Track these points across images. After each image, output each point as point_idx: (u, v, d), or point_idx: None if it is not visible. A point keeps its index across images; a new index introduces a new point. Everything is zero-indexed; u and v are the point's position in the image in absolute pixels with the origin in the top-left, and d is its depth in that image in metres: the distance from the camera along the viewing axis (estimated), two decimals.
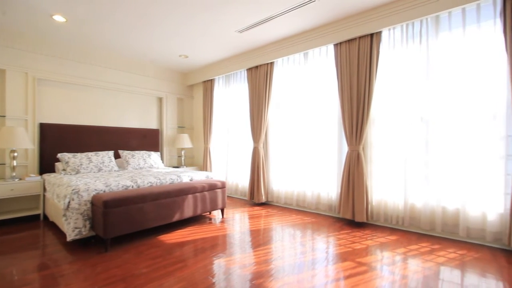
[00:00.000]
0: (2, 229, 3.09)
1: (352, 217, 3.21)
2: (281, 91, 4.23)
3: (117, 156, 4.50)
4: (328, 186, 3.67)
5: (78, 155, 3.71)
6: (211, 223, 3.32)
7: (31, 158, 3.69)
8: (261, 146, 4.30)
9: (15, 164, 3.36)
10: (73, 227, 2.45)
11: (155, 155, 4.64)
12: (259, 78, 4.29)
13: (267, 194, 4.32)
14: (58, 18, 3.19)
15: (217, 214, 3.71)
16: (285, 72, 4.16)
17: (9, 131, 3.24)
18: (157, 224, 2.79)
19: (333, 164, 3.61)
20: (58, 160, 3.86)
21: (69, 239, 2.44)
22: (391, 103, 3.13)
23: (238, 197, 4.91)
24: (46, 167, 3.78)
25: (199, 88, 5.77)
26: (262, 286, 1.83)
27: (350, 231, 2.98)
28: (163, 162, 5.26)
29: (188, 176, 3.47)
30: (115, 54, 4.48)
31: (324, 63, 3.71)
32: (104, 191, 2.64)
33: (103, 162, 3.83)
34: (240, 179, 4.89)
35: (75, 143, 4.04)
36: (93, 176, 3.27)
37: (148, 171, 3.85)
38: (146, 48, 4.24)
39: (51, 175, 3.50)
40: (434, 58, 2.83)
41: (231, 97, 5.01)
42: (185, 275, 1.99)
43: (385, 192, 3.15)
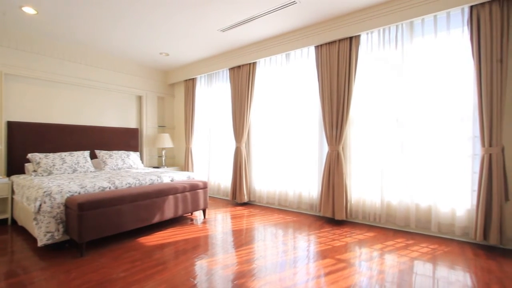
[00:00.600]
0: None
1: (332, 215, 3.29)
2: (263, 91, 4.25)
3: (93, 156, 4.32)
4: (309, 186, 3.74)
5: (51, 155, 3.52)
6: (192, 224, 3.28)
7: None
8: (243, 146, 4.30)
9: None
10: (45, 231, 2.32)
11: (134, 155, 4.50)
12: (242, 78, 4.29)
13: (249, 194, 4.33)
14: (28, 10, 3.01)
15: (199, 215, 3.67)
16: (267, 73, 4.19)
17: None
18: (136, 226, 2.71)
19: (314, 164, 3.69)
20: (28, 161, 3.63)
21: (40, 244, 2.31)
22: (369, 105, 3.24)
23: (220, 197, 4.88)
24: (15, 168, 3.55)
25: (180, 87, 5.67)
26: (244, 286, 1.83)
27: (330, 229, 3.05)
28: (142, 163, 5.12)
29: (169, 176, 3.40)
30: (91, 49, 4.30)
31: (305, 64, 3.77)
32: (79, 193, 2.53)
33: (78, 163, 3.67)
34: (222, 179, 4.86)
35: (47, 143, 3.83)
36: (67, 177, 3.11)
37: (126, 171, 3.73)
38: (124, 45, 4.10)
39: (20, 176, 3.30)
40: (408, 62, 2.96)
41: (213, 96, 4.97)
42: (165, 277, 1.95)
43: (363, 190, 3.26)
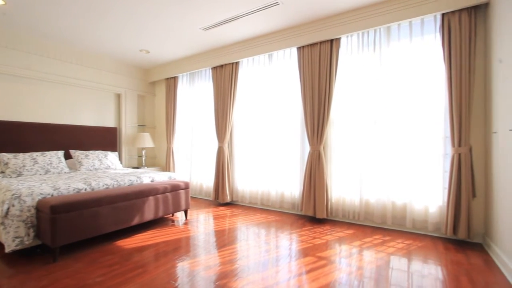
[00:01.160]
0: None
1: (313, 214, 3.36)
2: (246, 91, 4.25)
3: (68, 156, 4.12)
4: (291, 185, 3.79)
5: (21, 155, 3.32)
6: (174, 225, 3.22)
7: None
8: (226, 146, 4.28)
9: None
10: (14, 236, 2.18)
11: (112, 155, 4.34)
12: (224, 77, 4.26)
13: (232, 194, 4.31)
14: None
15: (180, 216, 3.61)
16: (250, 73, 4.19)
17: None
18: (114, 229, 2.62)
19: (296, 164, 3.74)
20: None
21: (8, 250, 2.17)
22: (349, 106, 3.33)
23: (203, 197, 4.82)
24: None
25: (161, 85, 5.54)
26: (226, 287, 1.82)
27: (311, 228, 3.11)
28: (121, 163, 4.95)
29: (149, 177, 3.32)
30: (65, 44, 4.10)
31: (288, 65, 3.82)
32: (52, 195, 2.40)
33: (51, 163, 3.48)
34: (204, 180, 4.81)
35: (16, 142, 3.60)
36: (38, 179, 2.95)
37: (104, 172, 3.59)
38: (102, 41, 3.95)
39: None
40: (386, 65, 3.08)
41: (196, 95, 4.90)
42: (145, 281, 1.90)
43: (343, 189, 3.35)
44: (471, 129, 2.65)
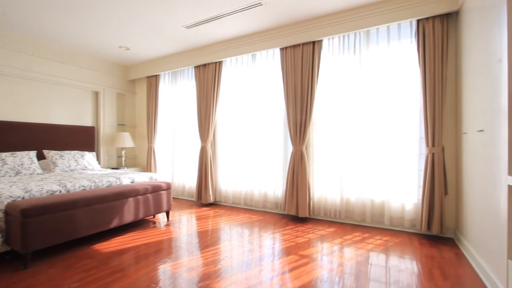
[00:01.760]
0: None
1: (296, 213, 3.41)
2: (229, 91, 4.23)
3: (41, 157, 3.91)
4: (274, 185, 3.82)
5: None
6: (155, 227, 3.14)
7: None
8: (209, 145, 4.24)
9: None
10: None
11: (89, 156, 4.17)
12: (207, 77, 4.22)
13: (215, 194, 4.28)
14: None
15: (162, 217, 3.53)
16: (233, 72, 4.18)
17: None
18: (91, 232, 2.52)
19: (279, 163, 3.77)
20: None
21: None
22: (330, 107, 3.41)
23: (185, 198, 4.75)
24: None
25: (142, 84, 5.40)
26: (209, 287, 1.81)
27: (294, 226, 3.15)
28: (99, 163, 4.77)
29: (129, 177, 3.22)
30: (38, 38, 3.88)
31: (271, 65, 3.84)
32: (22, 198, 2.27)
33: (22, 164, 3.29)
34: (187, 180, 4.74)
35: None
36: (8, 181, 2.78)
37: (80, 173, 3.45)
38: (78, 35, 3.78)
39: None
40: (365, 68, 3.18)
41: (178, 94, 4.82)
42: (125, 285, 1.85)
43: (325, 188, 3.42)
44: (443, 130, 2.80)
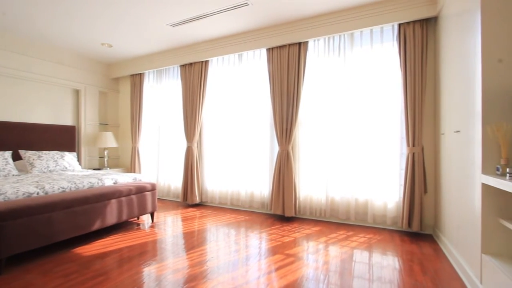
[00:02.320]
0: None
1: (282, 212, 3.43)
2: (216, 90, 4.20)
3: (17, 157, 3.73)
4: (261, 185, 3.83)
5: None
6: (139, 229, 3.07)
7: None
8: (195, 145, 4.19)
9: None
10: None
11: (69, 156, 4.02)
12: (193, 76, 4.18)
13: (201, 194, 4.24)
14: None
15: (146, 219, 3.46)
16: (220, 72, 4.16)
17: None
18: (72, 235, 2.43)
19: (266, 163, 3.79)
20: None
21: None
22: (316, 107, 3.46)
23: (171, 199, 4.67)
24: None
25: (126, 82, 5.26)
26: None
27: (280, 226, 3.17)
28: (80, 164, 4.60)
29: (112, 178, 3.13)
30: (15, 33, 3.70)
31: (257, 66, 3.85)
32: None
33: None
34: (172, 180, 4.66)
35: None
36: None
37: (60, 174, 3.31)
38: (58, 31, 3.64)
39: None
40: (349, 69, 3.25)
41: (163, 93, 4.73)
42: None
43: (310, 188, 3.47)
44: (423, 131, 2.91)
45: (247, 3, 2.90)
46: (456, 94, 2.15)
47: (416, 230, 2.81)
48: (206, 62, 4.11)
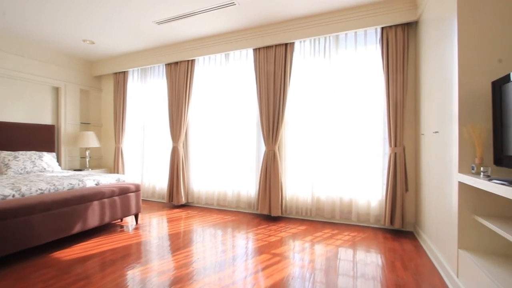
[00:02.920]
0: None
1: (269, 212, 3.45)
2: (202, 90, 4.17)
3: None
4: (247, 185, 3.83)
5: None
6: (123, 231, 3.00)
7: None
8: (181, 145, 4.14)
9: None
10: None
11: (48, 157, 3.86)
12: (179, 75, 4.12)
13: (187, 195, 4.19)
14: None
15: (130, 221, 3.37)
16: (206, 71, 4.12)
17: None
18: (51, 239, 2.34)
19: (252, 163, 3.79)
20: None
21: None
22: (302, 108, 3.50)
23: (156, 200, 4.59)
24: None
25: (109, 80, 5.11)
26: None
27: (267, 226, 3.19)
28: (60, 165, 4.43)
29: (94, 179, 3.03)
30: None
31: (244, 66, 3.85)
32: None
33: None
34: (157, 181, 4.58)
35: None
36: None
37: (38, 175, 3.18)
38: (37, 26, 3.48)
39: None
40: (334, 71, 3.31)
41: (148, 92, 4.64)
42: None
43: (296, 187, 3.51)
44: (404, 131, 3.01)
45: (233, 2, 2.90)
46: (435, 97, 2.24)
47: (398, 228, 2.90)
48: (192, 61, 4.07)
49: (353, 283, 1.88)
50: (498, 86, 1.51)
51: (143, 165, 4.68)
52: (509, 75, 1.40)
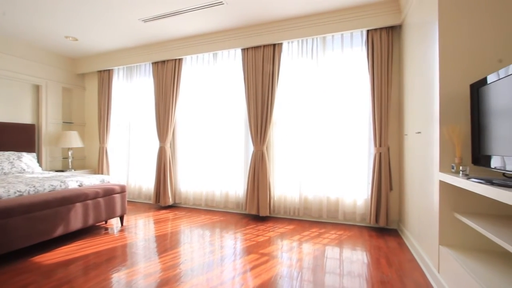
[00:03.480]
0: None
1: (257, 212, 3.46)
2: (190, 89, 4.12)
3: None
4: (235, 185, 3.82)
5: None
6: (107, 233, 2.92)
7: None
8: (168, 145, 4.08)
9: None
10: None
11: (28, 157, 3.71)
12: (166, 74, 4.06)
13: (174, 196, 4.13)
14: None
15: (115, 223, 3.29)
16: (194, 71, 4.08)
17: None
18: (31, 243, 2.25)
19: (240, 163, 3.79)
20: None
21: None
22: (290, 108, 3.53)
23: (142, 201, 4.50)
24: None
25: (93, 78, 4.97)
26: None
27: (255, 226, 3.19)
28: (41, 166, 4.27)
29: (77, 181, 2.94)
30: None
31: (232, 65, 3.84)
32: None
33: None
34: (144, 182, 4.49)
35: None
36: None
37: (16, 177, 3.05)
38: (15, 20, 3.34)
39: None
40: (322, 71, 3.36)
41: (134, 91, 4.54)
42: None
43: (284, 187, 3.53)
44: (389, 132, 3.09)
45: (222, 2, 2.88)
46: (417, 98, 2.32)
47: (383, 225, 2.98)
48: (180, 60, 4.02)
49: (340, 280, 1.92)
50: (475, 89, 1.58)
51: (128, 165, 4.58)
52: (485, 78, 1.46)
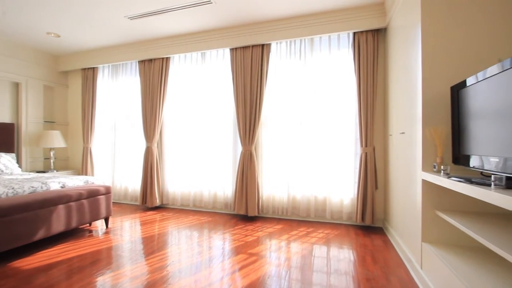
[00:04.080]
0: None
1: (245, 212, 3.45)
2: (177, 89, 4.07)
3: None
4: (224, 185, 3.80)
5: None
6: (91, 236, 2.84)
7: None
8: (155, 145, 4.01)
9: None
10: None
11: (7, 158, 3.56)
12: (153, 73, 3.99)
13: (161, 197, 4.07)
14: None
15: (100, 225, 3.21)
16: (182, 70, 4.04)
17: None
18: (9, 247, 2.15)
19: (229, 164, 3.78)
20: None
21: None
22: (278, 108, 3.55)
23: (128, 202, 4.41)
24: None
25: (76, 76, 4.82)
26: None
27: (243, 226, 3.19)
28: (20, 167, 4.10)
29: (59, 182, 2.85)
30: None
31: (221, 65, 3.82)
32: None
33: None
34: (130, 183, 4.40)
35: None
36: None
37: None
38: None
39: None
40: (309, 72, 3.39)
41: (120, 90, 4.44)
42: None
43: (273, 187, 3.55)
44: (374, 132, 3.16)
45: (210, 1, 2.87)
46: (401, 100, 2.39)
47: (369, 224, 3.05)
48: (168, 59, 3.96)
49: (327, 278, 1.94)
50: (456, 91, 1.64)
51: (114, 166, 4.47)
52: (465, 81, 1.52)
